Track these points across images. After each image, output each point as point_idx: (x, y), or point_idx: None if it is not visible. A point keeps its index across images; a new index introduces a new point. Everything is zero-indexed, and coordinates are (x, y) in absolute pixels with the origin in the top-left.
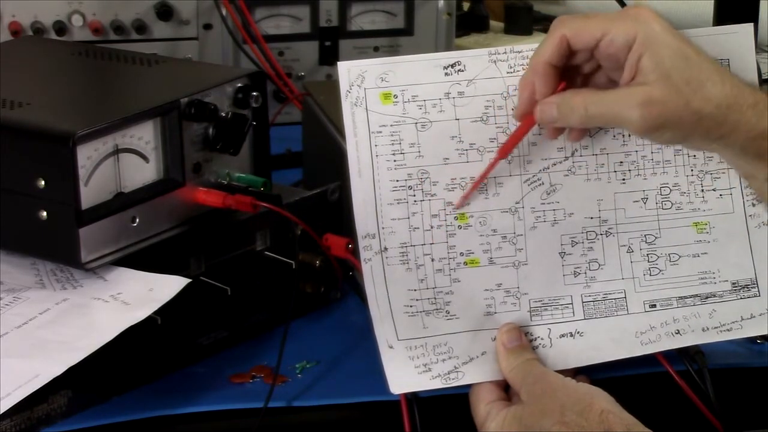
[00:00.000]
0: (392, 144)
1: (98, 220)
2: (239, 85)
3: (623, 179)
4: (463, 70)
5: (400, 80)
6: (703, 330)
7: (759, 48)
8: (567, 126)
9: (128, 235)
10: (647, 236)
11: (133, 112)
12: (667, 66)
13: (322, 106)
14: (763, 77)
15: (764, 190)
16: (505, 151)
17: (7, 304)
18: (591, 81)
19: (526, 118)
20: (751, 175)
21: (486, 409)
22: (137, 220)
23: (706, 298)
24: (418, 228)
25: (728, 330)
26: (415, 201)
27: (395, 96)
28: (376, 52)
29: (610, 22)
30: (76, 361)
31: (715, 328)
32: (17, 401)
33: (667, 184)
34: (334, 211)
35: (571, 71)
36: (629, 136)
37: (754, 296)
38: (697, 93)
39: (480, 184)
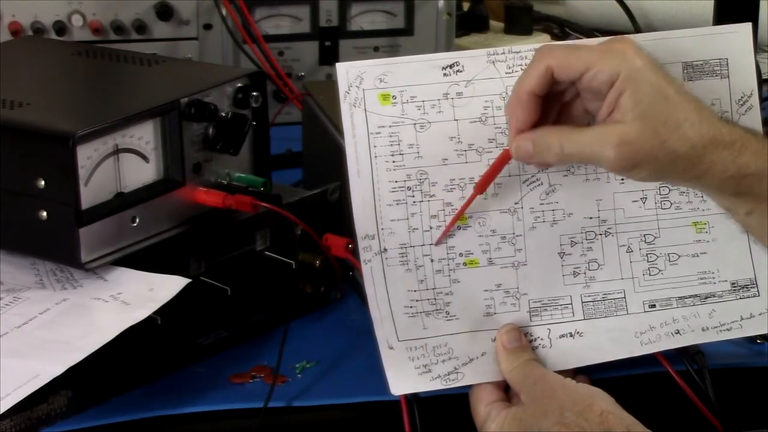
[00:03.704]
0: (391, 145)
1: (98, 220)
2: (239, 85)
3: (622, 179)
4: (461, 71)
5: (399, 81)
6: (703, 330)
7: (759, 48)
8: (543, 162)
9: (128, 235)
10: (646, 236)
11: (133, 112)
12: (645, 105)
13: (322, 106)
14: (763, 77)
15: (747, 222)
16: (482, 187)
17: (7, 304)
18: (568, 109)
19: (503, 153)
20: (731, 209)
21: (486, 410)
22: (137, 220)
23: (706, 297)
24: (417, 229)
25: (728, 330)
26: (414, 202)
27: (394, 97)
28: (376, 52)
29: (596, 56)
30: (76, 361)
31: (715, 327)
32: (17, 401)
33: (666, 183)
34: (334, 211)
35: (550, 98)
36: None
37: (754, 296)
38: (674, 133)
39: (457, 221)
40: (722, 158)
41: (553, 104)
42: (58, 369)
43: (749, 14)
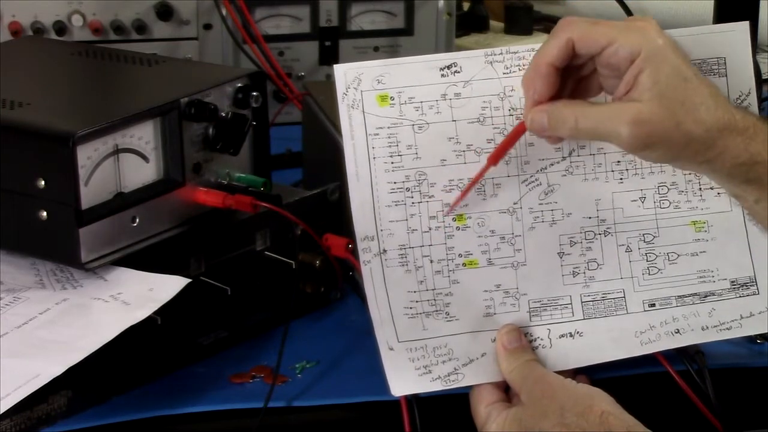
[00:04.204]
0: (389, 146)
1: (98, 220)
2: (239, 85)
3: (621, 178)
4: (459, 72)
5: (397, 82)
6: (703, 329)
7: (759, 48)
8: (556, 136)
9: (128, 235)
10: (645, 235)
11: (133, 112)
12: (664, 85)
13: (322, 106)
14: (763, 77)
15: (755, 210)
16: (496, 158)
17: (7, 304)
18: (584, 84)
19: (518, 124)
20: (740, 197)
21: (486, 410)
22: (137, 220)
23: (705, 296)
24: (416, 230)
25: (728, 329)
26: (413, 203)
27: (392, 98)
28: (376, 52)
29: (618, 32)
30: (76, 361)
31: (715, 326)
32: (17, 401)
33: (665, 183)
34: (334, 211)
35: (566, 72)
36: None
37: (753, 294)
38: (689, 115)
39: (471, 190)
40: (735, 144)
41: (569, 79)
42: (58, 369)
43: (749, 14)
